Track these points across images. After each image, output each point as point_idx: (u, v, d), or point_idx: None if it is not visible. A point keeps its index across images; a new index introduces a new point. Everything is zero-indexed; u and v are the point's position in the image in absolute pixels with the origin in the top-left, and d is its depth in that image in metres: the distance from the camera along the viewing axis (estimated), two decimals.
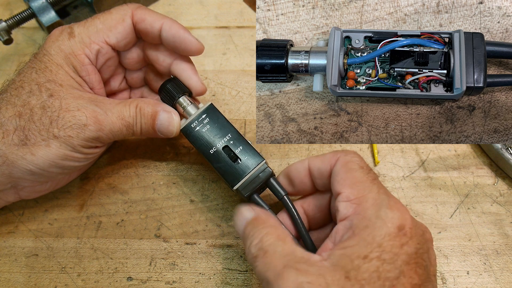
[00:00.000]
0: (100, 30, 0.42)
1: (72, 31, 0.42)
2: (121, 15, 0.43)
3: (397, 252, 0.31)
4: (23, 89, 0.40)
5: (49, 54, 0.41)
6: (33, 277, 0.42)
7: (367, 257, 0.31)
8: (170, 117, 0.43)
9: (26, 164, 0.38)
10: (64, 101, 0.39)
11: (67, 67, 0.41)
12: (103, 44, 0.42)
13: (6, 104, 0.39)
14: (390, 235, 0.31)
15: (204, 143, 0.42)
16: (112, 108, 0.41)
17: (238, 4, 0.60)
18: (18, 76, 0.41)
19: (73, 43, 0.41)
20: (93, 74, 0.42)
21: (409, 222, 0.33)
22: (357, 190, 0.34)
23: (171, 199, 0.46)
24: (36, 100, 0.39)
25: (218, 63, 0.55)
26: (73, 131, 0.39)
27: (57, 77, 0.40)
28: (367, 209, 0.33)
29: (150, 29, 0.43)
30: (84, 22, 0.43)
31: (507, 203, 0.46)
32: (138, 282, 0.42)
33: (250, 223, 0.36)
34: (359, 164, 0.36)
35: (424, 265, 0.32)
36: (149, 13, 0.43)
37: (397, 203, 0.33)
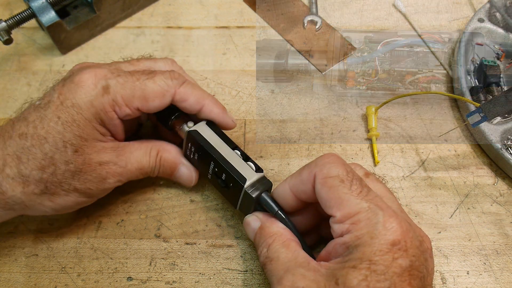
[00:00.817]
0: (137, 97, 0.40)
1: (108, 86, 0.39)
2: (163, 90, 0.40)
3: (388, 264, 0.31)
4: (47, 142, 0.38)
5: (78, 107, 0.39)
6: (33, 277, 0.42)
7: (356, 267, 0.31)
8: (189, 174, 0.44)
9: (43, 208, 0.39)
10: (87, 156, 0.39)
11: (95, 121, 0.40)
12: (134, 110, 0.41)
13: (28, 155, 0.38)
14: (381, 251, 0.31)
15: (201, 169, 0.43)
16: (132, 158, 0.41)
17: (238, 4, 0.60)
18: (41, 123, 0.38)
19: (106, 100, 0.39)
20: (118, 126, 0.41)
21: (405, 235, 0.32)
22: (346, 211, 0.33)
23: (171, 199, 0.46)
24: (60, 156, 0.38)
25: (218, 63, 0.55)
26: (94, 184, 0.40)
27: (83, 132, 0.39)
28: (360, 229, 0.32)
29: (190, 109, 0.42)
30: (122, 77, 0.40)
31: (507, 203, 0.46)
32: (138, 282, 0.42)
33: (258, 233, 0.38)
34: (339, 178, 0.34)
35: (420, 277, 0.32)
36: (192, 94, 0.41)
37: (392, 215, 0.32)
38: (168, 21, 0.59)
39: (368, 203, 0.33)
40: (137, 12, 0.60)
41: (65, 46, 0.56)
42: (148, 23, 0.59)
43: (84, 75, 0.39)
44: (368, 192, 0.34)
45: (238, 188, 0.40)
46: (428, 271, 0.33)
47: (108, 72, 0.40)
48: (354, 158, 0.49)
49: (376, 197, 0.34)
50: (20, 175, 0.38)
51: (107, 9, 0.57)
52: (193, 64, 0.55)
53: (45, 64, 0.56)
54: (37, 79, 0.55)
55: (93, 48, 0.57)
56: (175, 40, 0.57)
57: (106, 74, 0.40)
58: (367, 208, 0.33)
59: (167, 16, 0.59)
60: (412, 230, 0.33)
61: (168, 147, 0.44)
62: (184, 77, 0.43)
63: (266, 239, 0.37)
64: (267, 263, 0.36)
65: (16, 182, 0.38)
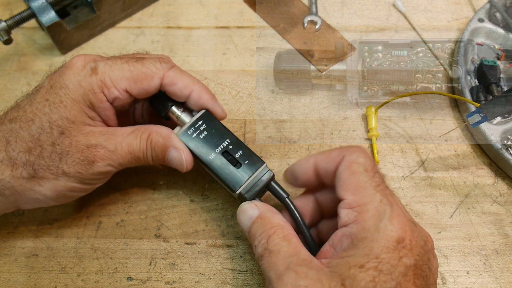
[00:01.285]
0: (125, 78, 0.40)
1: (96, 67, 0.40)
2: (151, 72, 0.41)
3: (395, 264, 0.31)
4: (33, 124, 0.38)
5: (66, 88, 0.39)
6: (33, 277, 0.42)
7: (363, 267, 0.31)
8: (179, 156, 0.42)
9: (34, 194, 0.39)
10: (74, 138, 0.39)
11: (83, 103, 0.40)
12: (123, 92, 0.41)
13: (16, 137, 0.38)
14: (388, 248, 0.31)
15: (202, 150, 0.42)
16: (122, 141, 0.40)
17: (238, 4, 0.60)
18: (30, 106, 0.39)
19: (94, 81, 0.40)
20: (108, 110, 0.41)
21: (410, 234, 0.32)
22: (359, 197, 0.33)
23: (171, 199, 0.46)
24: (46, 137, 0.38)
25: (218, 63, 0.55)
26: (82, 167, 0.39)
27: (70, 114, 0.39)
28: (367, 220, 0.32)
29: (179, 94, 0.42)
30: (111, 60, 0.41)
31: (507, 203, 0.46)
32: (138, 282, 0.42)
33: (256, 222, 0.36)
34: (364, 166, 0.35)
35: (423, 276, 0.32)
36: (180, 78, 0.42)
37: (399, 214, 0.33)
38: (168, 21, 0.59)
39: (382, 197, 0.33)
40: (137, 12, 0.60)
41: (65, 46, 0.56)
42: (148, 23, 0.59)
43: (74, 59, 0.41)
44: (385, 188, 0.34)
45: (255, 165, 0.40)
46: (431, 271, 0.33)
47: (97, 57, 0.41)
48: None
49: (391, 194, 0.34)
50: (8, 157, 0.38)
51: (107, 9, 0.57)
52: (193, 64, 0.55)
53: (45, 64, 0.56)
54: (37, 79, 0.55)
55: (93, 48, 0.57)
56: (175, 40, 0.57)
57: (96, 58, 0.41)
58: (379, 201, 0.33)
59: (167, 16, 0.59)
60: (416, 230, 0.33)
61: (160, 130, 0.42)
62: (173, 63, 0.43)
63: (266, 230, 0.35)
64: (265, 255, 0.34)
65: (5, 165, 0.38)
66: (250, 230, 0.37)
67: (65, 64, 0.41)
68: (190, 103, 0.42)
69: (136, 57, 0.42)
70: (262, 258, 0.34)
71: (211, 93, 0.43)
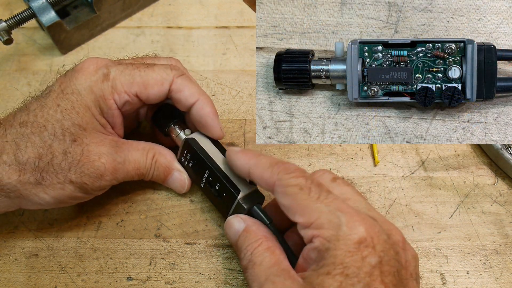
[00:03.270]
0: (136, 83, 0.41)
1: (108, 72, 0.40)
2: (161, 78, 0.41)
3: (359, 265, 0.31)
4: (46, 130, 0.38)
5: (78, 94, 0.39)
6: (33, 277, 0.42)
7: (330, 273, 0.31)
8: (181, 180, 0.44)
9: (38, 200, 0.39)
10: (86, 147, 0.39)
11: (94, 109, 0.40)
12: (133, 96, 0.41)
13: (26, 142, 0.38)
14: (350, 252, 0.31)
15: (194, 177, 0.43)
16: (130, 156, 0.41)
17: (238, 4, 0.60)
18: (41, 111, 0.39)
19: (105, 87, 0.40)
20: (117, 117, 0.41)
21: (370, 231, 0.32)
22: (308, 217, 0.33)
23: (171, 199, 0.46)
24: (59, 144, 0.38)
25: (218, 63, 0.55)
26: (90, 179, 0.39)
27: (82, 121, 0.39)
28: (325, 232, 0.32)
29: (184, 102, 0.42)
30: (122, 65, 0.41)
31: (507, 203, 0.46)
32: (138, 282, 0.42)
33: (242, 235, 0.37)
34: (297, 186, 0.34)
35: (393, 272, 0.32)
36: (188, 86, 0.42)
37: (353, 215, 0.33)
38: (168, 21, 0.59)
39: (327, 207, 0.33)
40: (137, 12, 0.60)
41: (65, 46, 0.56)
42: (148, 23, 0.59)
43: (86, 63, 0.40)
44: (327, 196, 0.34)
45: (231, 199, 0.40)
46: (402, 264, 0.33)
47: (109, 61, 0.41)
48: (354, 158, 0.49)
49: (335, 200, 0.34)
50: (17, 162, 0.37)
51: (107, 9, 0.57)
52: (193, 64, 0.55)
53: (45, 64, 0.56)
54: (37, 79, 0.55)
55: (93, 48, 0.57)
56: (175, 40, 0.57)
57: (107, 63, 0.41)
58: (327, 211, 0.33)
59: (167, 16, 0.59)
60: (377, 225, 0.33)
61: (164, 152, 0.44)
62: (183, 70, 0.43)
63: (251, 242, 0.36)
64: (249, 267, 0.35)
65: (12, 169, 0.37)
66: (236, 244, 0.38)
67: (76, 68, 0.41)
68: (192, 113, 0.43)
69: (147, 63, 0.42)
70: (246, 270, 0.35)
71: (215, 109, 0.43)
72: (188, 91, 0.42)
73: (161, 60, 0.45)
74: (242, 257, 0.36)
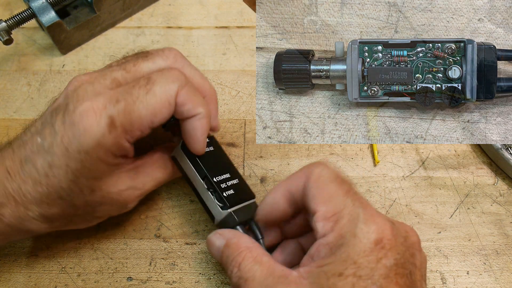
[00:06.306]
0: (144, 117, 0.36)
1: (112, 121, 0.35)
2: (167, 97, 0.36)
3: (374, 267, 0.30)
4: (63, 190, 0.37)
5: (86, 153, 0.35)
6: (33, 277, 0.42)
7: (342, 275, 0.30)
8: None
9: None
10: (105, 191, 0.38)
11: (105, 158, 0.36)
12: (146, 129, 0.37)
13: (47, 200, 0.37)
14: (365, 252, 0.31)
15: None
16: (148, 177, 0.41)
17: (238, 4, 0.60)
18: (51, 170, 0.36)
19: (114, 136, 0.35)
20: (130, 150, 0.38)
21: (388, 232, 0.32)
22: (331, 207, 0.33)
23: (171, 199, 0.46)
24: (78, 199, 0.37)
25: (218, 63, 0.55)
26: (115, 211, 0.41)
27: (96, 173, 0.37)
28: (343, 227, 0.32)
29: (185, 114, 0.38)
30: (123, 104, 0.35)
31: (507, 203, 0.46)
32: (138, 282, 0.42)
33: (224, 251, 0.36)
34: (331, 177, 0.34)
35: (406, 274, 0.31)
36: (191, 99, 0.38)
37: (373, 215, 0.32)
38: (168, 21, 0.59)
39: (354, 201, 0.33)
40: (137, 12, 0.60)
41: (65, 46, 0.56)
42: (148, 23, 0.59)
43: (83, 115, 0.35)
44: (355, 193, 0.34)
45: (216, 217, 0.40)
46: (416, 266, 0.32)
47: (106, 101, 0.35)
48: (354, 158, 0.49)
49: (362, 197, 0.34)
50: (43, 216, 0.38)
51: (107, 9, 0.57)
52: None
53: (45, 64, 0.56)
54: (37, 79, 0.55)
55: (93, 48, 0.57)
56: (175, 40, 0.57)
57: (105, 105, 0.35)
58: (351, 205, 0.33)
59: (167, 16, 0.59)
60: (395, 227, 0.33)
61: None
62: (185, 78, 0.39)
63: (235, 257, 0.34)
64: (241, 284, 0.33)
65: (40, 221, 0.38)
66: (221, 262, 0.36)
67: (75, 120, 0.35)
68: (185, 123, 0.39)
69: (145, 83, 0.37)
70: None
71: (209, 124, 0.40)
72: (191, 104, 0.38)
73: (157, 60, 0.40)
74: (230, 274, 0.35)
